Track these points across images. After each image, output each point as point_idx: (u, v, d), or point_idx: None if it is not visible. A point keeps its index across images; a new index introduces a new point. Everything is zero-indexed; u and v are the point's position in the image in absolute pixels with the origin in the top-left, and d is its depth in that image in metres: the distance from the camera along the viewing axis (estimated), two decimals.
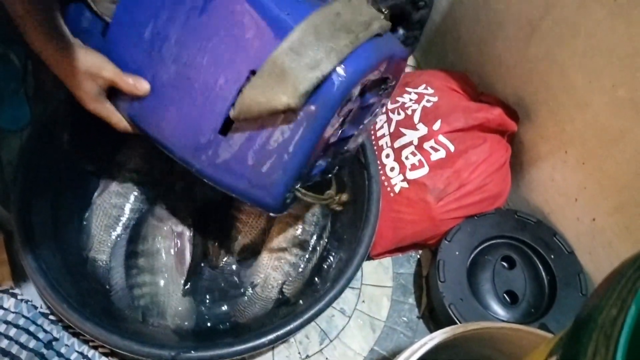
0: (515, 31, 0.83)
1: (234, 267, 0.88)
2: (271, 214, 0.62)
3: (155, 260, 0.81)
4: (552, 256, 0.83)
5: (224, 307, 0.85)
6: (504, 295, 0.84)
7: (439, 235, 0.87)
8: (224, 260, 0.88)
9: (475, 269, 0.85)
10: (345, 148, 0.66)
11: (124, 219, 0.86)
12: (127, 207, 0.87)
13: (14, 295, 0.83)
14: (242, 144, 0.55)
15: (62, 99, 0.84)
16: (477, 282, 0.84)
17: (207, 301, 0.85)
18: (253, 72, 0.51)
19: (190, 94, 0.54)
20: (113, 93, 0.60)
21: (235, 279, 0.87)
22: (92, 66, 0.56)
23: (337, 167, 0.68)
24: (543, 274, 0.84)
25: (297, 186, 0.58)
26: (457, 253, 0.84)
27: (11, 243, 0.89)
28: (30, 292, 0.85)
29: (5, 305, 0.82)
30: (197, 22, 0.51)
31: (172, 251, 0.82)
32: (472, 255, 0.85)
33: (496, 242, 0.87)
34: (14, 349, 0.78)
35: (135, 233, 0.84)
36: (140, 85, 0.57)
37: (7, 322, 0.80)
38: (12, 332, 0.79)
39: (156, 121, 0.58)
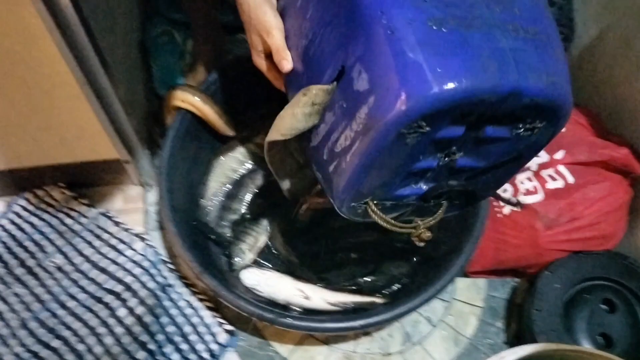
0: None
1: None
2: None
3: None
4: None
5: None
6: (598, 336, 0.82)
7: (540, 264, 0.87)
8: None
9: (572, 305, 0.84)
10: (468, 182, 0.59)
11: (232, 179, 0.98)
12: (238, 172, 0.98)
13: (143, 239, 0.94)
14: (323, 137, 0.57)
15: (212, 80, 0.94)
16: (572, 318, 0.83)
17: None
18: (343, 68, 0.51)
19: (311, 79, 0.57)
20: None
21: None
22: (262, 26, 0.61)
23: (450, 199, 0.62)
24: None
25: (370, 200, 0.56)
26: (556, 285, 0.84)
27: (146, 196, 1.02)
28: (156, 239, 0.97)
29: (135, 247, 0.93)
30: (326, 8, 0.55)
31: None
32: (572, 291, 0.84)
33: (600, 284, 0.85)
34: (136, 286, 0.89)
35: (235, 192, 0.96)
36: (283, 64, 0.61)
37: (134, 262, 0.92)
38: (137, 271, 0.91)
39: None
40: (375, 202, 0.57)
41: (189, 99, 0.85)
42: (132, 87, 0.97)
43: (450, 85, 0.43)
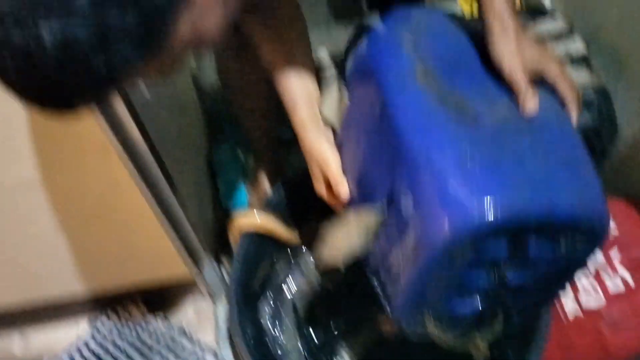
0: None
1: None
2: None
3: None
4: None
5: None
6: None
7: None
8: None
9: None
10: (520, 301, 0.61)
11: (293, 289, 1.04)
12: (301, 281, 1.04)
13: (215, 354, 0.99)
14: (379, 259, 0.61)
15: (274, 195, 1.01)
16: None
17: None
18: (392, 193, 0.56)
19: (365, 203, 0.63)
20: None
21: None
22: (321, 159, 0.68)
23: (507, 317, 0.63)
24: None
25: (427, 318, 0.59)
26: None
27: (215, 307, 1.08)
28: (226, 350, 1.01)
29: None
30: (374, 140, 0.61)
31: None
32: None
33: None
34: None
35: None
36: (340, 193, 0.67)
37: None
38: None
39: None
40: (432, 318, 0.60)
41: (252, 224, 0.92)
42: (200, 205, 1.06)
43: (487, 213, 0.47)
